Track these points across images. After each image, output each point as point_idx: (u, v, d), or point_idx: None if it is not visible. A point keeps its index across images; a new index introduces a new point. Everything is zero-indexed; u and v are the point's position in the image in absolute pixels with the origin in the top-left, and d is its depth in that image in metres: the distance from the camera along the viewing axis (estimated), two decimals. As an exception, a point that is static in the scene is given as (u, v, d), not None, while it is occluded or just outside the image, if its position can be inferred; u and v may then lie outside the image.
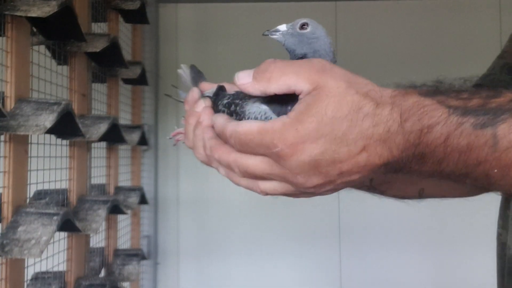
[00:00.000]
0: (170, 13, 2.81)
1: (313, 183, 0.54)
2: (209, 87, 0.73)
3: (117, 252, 2.06)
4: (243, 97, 0.62)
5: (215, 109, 0.66)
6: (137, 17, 2.18)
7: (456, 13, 2.74)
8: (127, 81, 2.23)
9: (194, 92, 0.71)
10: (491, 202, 0.83)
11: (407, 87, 0.57)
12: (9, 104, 1.24)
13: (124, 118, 2.35)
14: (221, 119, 0.59)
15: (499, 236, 0.80)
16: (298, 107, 0.52)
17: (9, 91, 1.24)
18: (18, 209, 1.23)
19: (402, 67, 2.74)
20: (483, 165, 0.52)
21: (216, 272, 2.72)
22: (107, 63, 1.91)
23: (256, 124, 0.54)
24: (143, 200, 2.32)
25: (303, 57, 0.61)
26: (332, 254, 2.69)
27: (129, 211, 2.21)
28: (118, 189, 2.10)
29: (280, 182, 0.56)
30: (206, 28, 2.82)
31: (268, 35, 0.64)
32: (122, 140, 1.95)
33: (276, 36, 0.63)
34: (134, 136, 2.19)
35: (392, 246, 2.67)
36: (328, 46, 0.62)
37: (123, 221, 2.27)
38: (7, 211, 1.22)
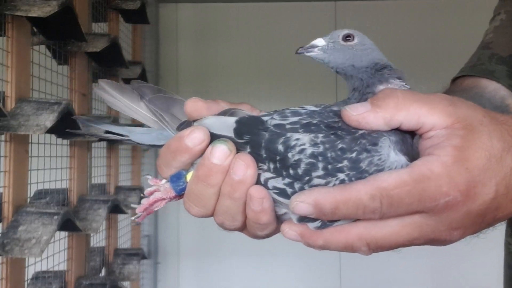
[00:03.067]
0: (170, 13, 2.81)
1: (463, 237, 0.44)
2: (205, 107, 0.49)
3: (117, 252, 2.06)
4: (338, 137, 0.43)
5: (256, 157, 0.44)
6: (137, 17, 2.19)
7: (457, 13, 2.74)
8: (127, 81, 2.24)
9: (199, 131, 0.46)
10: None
11: None
12: (10, 104, 1.24)
13: (125, 118, 2.35)
14: (323, 189, 0.42)
15: (508, 245, 0.76)
16: (449, 142, 0.41)
17: (10, 91, 1.24)
18: (18, 209, 1.23)
19: (402, 67, 2.73)
20: None
21: (216, 271, 2.72)
22: (107, 63, 1.91)
23: (405, 172, 0.41)
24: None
25: (366, 70, 0.48)
26: (332, 254, 2.69)
27: (129, 211, 2.21)
28: (119, 189, 2.11)
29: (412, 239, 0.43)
30: (206, 28, 2.82)
31: (303, 53, 0.49)
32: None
33: (315, 53, 0.49)
34: (134, 136, 2.19)
35: (392, 246, 2.68)
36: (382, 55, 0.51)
37: (124, 220, 2.27)
38: (8, 210, 1.22)
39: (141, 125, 0.53)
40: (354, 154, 0.42)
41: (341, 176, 0.42)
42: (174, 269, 2.74)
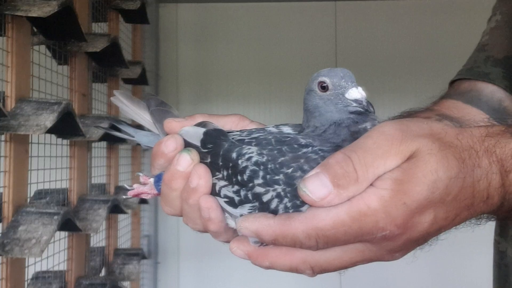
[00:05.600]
0: (170, 13, 2.81)
1: (406, 254, 0.46)
2: (179, 126, 0.53)
3: (117, 252, 2.06)
4: (279, 156, 0.45)
5: (213, 167, 0.48)
6: (137, 17, 2.19)
7: (456, 13, 2.74)
8: (127, 81, 2.24)
9: (172, 139, 0.51)
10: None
11: (489, 125, 0.48)
12: (10, 104, 1.24)
13: (125, 118, 2.35)
14: (264, 220, 0.43)
15: (497, 243, 0.76)
16: (390, 175, 0.42)
17: (10, 91, 1.24)
18: (18, 209, 1.23)
19: (401, 67, 2.74)
20: None
21: (216, 271, 2.72)
22: (107, 63, 1.91)
23: (343, 210, 0.41)
24: (143, 200, 2.32)
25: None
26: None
27: (129, 211, 2.21)
28: (119, 189, 2.11)
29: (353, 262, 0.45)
30: (206, 28, 2.82)
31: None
32: (122, 140, 1.96)
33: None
34: (134, 136, 2.19)
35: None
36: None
37: (124, 220, 2.27)
38: (8, 210, 1.22)
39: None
40: (289, 170, 0.44)
41: (278, 188, 0.44)
42: (174, 269, 2.74)
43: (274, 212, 0.44)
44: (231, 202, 0.47)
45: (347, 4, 2.79)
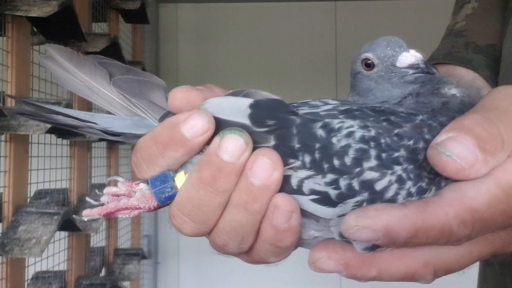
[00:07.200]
0: (170, 13, 2.81)
1: None
2: (200, 97, 0.37)
3: (117, 252, 2.06)
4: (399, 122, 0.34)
5: (282, 152, 0.33)
6: (137, 17, 2.19)
7: (456, 13, 2.74)
8: (127, 81, 2.24)
9: (200, 115, 0.34)
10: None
11: None
12: (10, 104, 1.24)
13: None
14: (396, 211, 0.31)
15: None
16: None
17: (10, 91, 1.24)
18: (18, 209, 1.24)
19: (402, 67, 2.74)
20: None
21: (216, 271, 2.72)
22: (107, 63, 1.91)
23: (493, 185, 0.32)
24: (143, 200, 2.31)
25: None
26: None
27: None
28: (118, 189, 2.10)
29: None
30: (206, 28, 2.82)
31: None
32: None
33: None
34: (134, 136, 2.19)
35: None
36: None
37: (124, 220, 2.27)
38: (8, 210, 1.22)
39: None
40: (411, 142, 0.33)
41: (398, 170, 0.33)
42: (174, 269, 2.74)
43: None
44: (323, 200, 0.33)
45: (347, 4, 2.79)
